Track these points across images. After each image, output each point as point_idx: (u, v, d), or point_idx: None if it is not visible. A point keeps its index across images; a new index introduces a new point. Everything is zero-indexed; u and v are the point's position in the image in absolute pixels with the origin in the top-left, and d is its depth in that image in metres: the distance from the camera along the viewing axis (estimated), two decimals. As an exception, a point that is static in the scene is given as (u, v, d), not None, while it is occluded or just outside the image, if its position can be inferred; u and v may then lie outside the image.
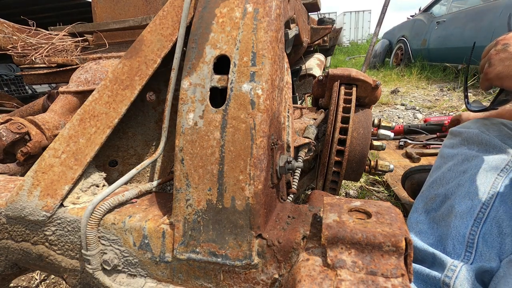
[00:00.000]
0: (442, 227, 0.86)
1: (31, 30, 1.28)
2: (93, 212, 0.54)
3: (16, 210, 0.59)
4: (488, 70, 0.82)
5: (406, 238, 0.37)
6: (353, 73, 0.97)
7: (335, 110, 0.94)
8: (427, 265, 0.85)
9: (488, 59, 0.83)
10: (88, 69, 1.00)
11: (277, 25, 0.52)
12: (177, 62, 0.58)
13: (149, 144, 0.74)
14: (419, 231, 0.91)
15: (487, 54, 0.84)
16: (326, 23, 1.95)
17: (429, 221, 0.91)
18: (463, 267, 0.76)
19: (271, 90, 0.50)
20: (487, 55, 0.84)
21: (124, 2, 1.29)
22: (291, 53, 1.25)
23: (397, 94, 4.63)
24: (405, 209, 1.72)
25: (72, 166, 0.58)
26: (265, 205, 0.50)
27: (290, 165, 0.56)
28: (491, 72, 0.81)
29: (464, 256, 0.79)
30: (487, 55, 0.83)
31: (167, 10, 0.60)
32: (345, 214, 0.42)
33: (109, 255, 0.56)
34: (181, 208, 0.50)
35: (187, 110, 0.50)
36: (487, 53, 0.84)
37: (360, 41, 17.22)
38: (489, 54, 0.82)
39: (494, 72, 0.80)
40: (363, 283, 0.35)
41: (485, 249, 0.78)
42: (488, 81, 0.83)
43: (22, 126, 0.87)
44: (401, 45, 7.14)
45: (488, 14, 4.52)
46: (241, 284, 0.50)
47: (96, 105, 0.60)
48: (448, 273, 0.77)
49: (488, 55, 0.83)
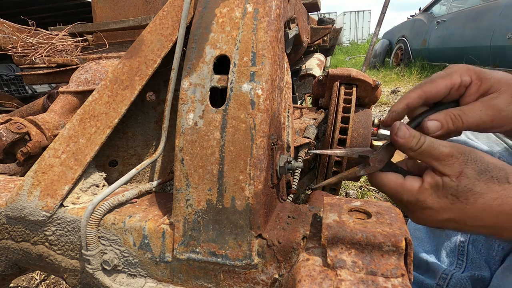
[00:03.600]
0: (438, 236, 0.87)
1: (31, 30, 1.28)
2: (93, 212, 0.54)
3: (16, 210, 0.59)
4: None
5: (406, 238, 0.37)
6: (353, 73, 0.97)
7: (335, 110, 0.94)
8: (421, 271, 0.85)
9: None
10: (88, 69, 1.00)
11: (277, 25, 0.52)
12: (177, 62, 0.58)
13: (149, 144, 0.74)
14: (417, 238, 0.92)
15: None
16: (326, 23, 1.95)
17: (427, 230, 0.92)
18: (454, 275, 0.77)
19: (271, 90, 0.50)
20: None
21: (124, 2, 1.29)
22: (291, 53, 1.25)
23: (397, 94, 4.63)
24: (405, 209, 1.71)
25: (72, 166, 0.58)
26: (265, 205, 0.50)
27: (290, 165, 0.55)
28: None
29: (457, 264, 0.81)
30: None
31: (167, 10, 0.60)
32: (345, 214, 0.42)
33: (109, 255, 0.56)
34: (181, 208, 0.50)
35: (187, 110, 0.50)
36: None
37: (360, 41, 17.23)
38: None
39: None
40: (363, 283, 0.35)
41: (475, 256, 0.78)
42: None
43: (22, 126, 0.87)
44: (401, 45, 7.14)
45: (488, 14, 4.52)
46: (241, 284, 0.50)
47: (96, 105, 0.60)
48: (440, 282, 0.79)
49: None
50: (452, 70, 0.51)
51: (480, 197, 0.44)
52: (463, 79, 0.50)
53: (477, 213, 0.45)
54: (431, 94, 0.51)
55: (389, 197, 0.54)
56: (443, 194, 0.46)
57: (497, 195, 0.43)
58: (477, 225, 0.46)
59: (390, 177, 0.51)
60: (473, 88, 0.50)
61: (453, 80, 0.50)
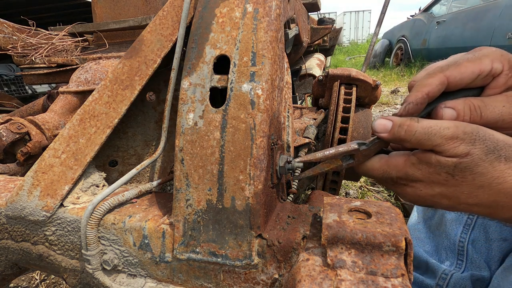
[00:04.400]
0: (437, 237, 0.87)
1: (31, 30, 1.28)
2: (93, 212, 0.54)
3: (16, 210, 0.59)
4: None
5: (406, 238, 0.37)
6: (353, 73, 0.97)
7: (335, 110, 0.94)
8: (421, 271, 0.85)
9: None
10: (88, 69, 1.00)
11: (277, 25, 0.52)
12: (177, 62, 0.58)
13: (149, 144, 0.74)
14: (417, 238, 0.92)
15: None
16: (326, 23, 1.95)
17: (426, 230, 0.92)
18: (454, 275, 0.77)
19: (271, 90, 0.50)
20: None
21: (124, 2, 1.29)
22: (291, 53, 1.25)
23: (397, 94, 4.63)
24: (405, 209, 1.72)
25: (72, 166, 0.58)
26: (265, 205, 0.50)
27: (290, 165, 0.55)
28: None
29: (456, 264, 0.80)
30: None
31: (167, 10, 0.60)
32: (345, 214, 0.42)
33: (109, 255, 0.56)
34: (181, 208, 0.50)
35: (187, 110, 0.50)
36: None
37: (360, 41, 17.24)
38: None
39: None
40: (363, 283, 0.35)
41: (475, 256, 0.78)
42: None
43: (22, 126, 0.87)
44: (401, 45, 7.15)
45: (488, 14, 4.52)
46: (241, 284, 0.50)
47: (96, 105, 0.60)
48: (439, 282, 0.79)
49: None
50: (482, 54, 0.43)
51: (480, 176, 0.39)
52: (495, 67, 0.41)
53: (473, 191, 0.41)
54: (454, 81, 0.42)
55: (379, 181, 0.51)
56: (435, 171, 0.42)
57: (500, 174, 0.39)
58: (472, 203, 0.42)
59: (374, 159, 0.48)
60: (501, 79, 0.42)
61: (483, 66, 0.42)
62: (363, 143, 0.48)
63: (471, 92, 0.44)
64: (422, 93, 0.42)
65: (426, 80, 0.43)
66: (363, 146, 0.48)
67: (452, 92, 0.44)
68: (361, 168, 0.50)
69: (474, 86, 0.44)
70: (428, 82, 0.42)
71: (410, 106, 0.43)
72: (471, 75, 0.42)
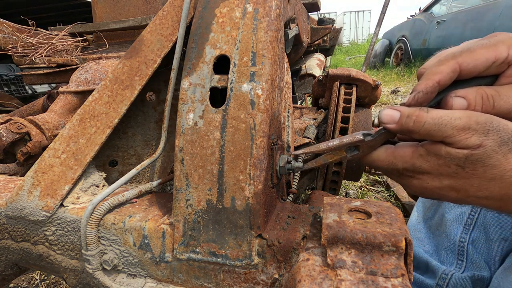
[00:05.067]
0: (437, 236, 0.87)
1: (31, 30, 1.28)
2: (93, 212, 0.54)
3: (16, 210, 0.59)
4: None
5: (406, 238, 0.37)
6: (353, 73, 0.97)
7: (335, 110, 0.94)
8: (421, 271, 0.85)
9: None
10: (88, 69, 1.00)
11: (277, 25, 0.52)
12: (177, 62, 0.58)
13: (149, 144, 0.74)
14: (417, 238, 0.92)
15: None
16: (326, 23, 1.95)
17: (427, 230, 0.92)
18: (454, 275, 0.77)
19: (271, 90, 0.50)
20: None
21: (124, 2, 1.29)
22: (291, 53, 1.25)
23: (397, 94, 4.63)
24: (405, 209, 1.72)
25: (72, 166, 0.58)
26: (265, 205, 0.50)
27: (290, 165, 0.55)
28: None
29: (456, 264, 0.80)
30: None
31: (167, 10, 0.60)
32: (345, 214, 0.42)
33: (109, 255, 0.56)
34: (181, 208, 0.50)
35: (187, 110, 0.50)
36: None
37: (360, 41, 17.24)
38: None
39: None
40: (363, 283, 0.35)
41: (475, 256, 0.78)
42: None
43: (22, 126, 0.87)
44: (401, 45, 7.15)
45: (488, 14, 4.52)
46: (241, 284, 0.50)
47: (96, 105, 0.60)
48: (439, 282, 0.79)
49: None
50: (498, 40, 0.39)
51: (491, 168, 0.37)
52: (511, 54, 0.38)
53: (484, 183, 0.39)
54: (467, 68, 0.39)
55: (384, 173, 0.48)
56: (445, 163, 0.40)
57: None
58: (482, 196, 0.40)
59: (379, 150, 0.46)
60: None
61: (498, 53, 0.38)
62: (368, 134, 0.46)
63: (484, 80, 0.41)
64: (432, 81, 0.40)
65: (437, 68, 0.40)
66: (368, 137, 0.46)
67: (465, 80, 0.41)
68: (366, 159, 0.48)
69: (488, 74, 0.40)
70: (439, 70, 0.40)
71: (420, 95, 0.40)
72: (485, 63, 0.39)
